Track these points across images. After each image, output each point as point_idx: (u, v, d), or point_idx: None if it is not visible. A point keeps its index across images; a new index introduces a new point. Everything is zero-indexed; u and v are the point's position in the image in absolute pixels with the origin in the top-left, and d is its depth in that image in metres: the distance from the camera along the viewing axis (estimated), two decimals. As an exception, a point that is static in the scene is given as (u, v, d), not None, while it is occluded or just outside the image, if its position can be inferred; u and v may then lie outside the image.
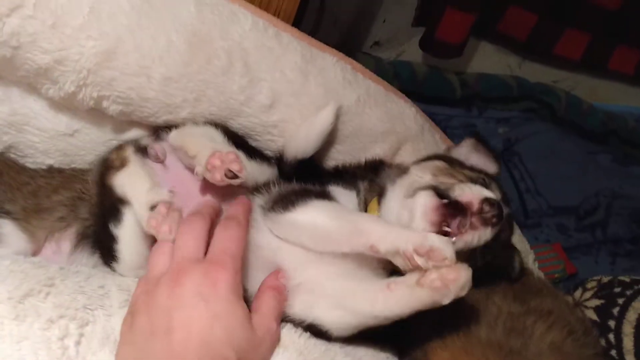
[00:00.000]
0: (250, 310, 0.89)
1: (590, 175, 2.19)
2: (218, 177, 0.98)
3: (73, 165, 1.17)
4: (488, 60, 2.37)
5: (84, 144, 1.14)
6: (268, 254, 0.99)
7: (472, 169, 1.09)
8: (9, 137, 1.11)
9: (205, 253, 0.91)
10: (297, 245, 0.96)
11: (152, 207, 0.95)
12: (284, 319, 0.96)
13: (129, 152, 1.06)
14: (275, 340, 0.91)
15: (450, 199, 0.92)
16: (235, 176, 0.99)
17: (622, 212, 2.13)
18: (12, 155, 1.14)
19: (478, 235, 0.89)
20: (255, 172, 1.11)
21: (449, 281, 0.79)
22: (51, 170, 1.15)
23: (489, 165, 1.15)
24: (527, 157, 2.19)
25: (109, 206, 1.01)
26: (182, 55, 1.05)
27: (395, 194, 1.01)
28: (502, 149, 2.17)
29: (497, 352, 0.91)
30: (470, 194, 0.91)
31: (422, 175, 1.02)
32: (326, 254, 0.94)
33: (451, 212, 0.90)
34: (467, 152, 1.17)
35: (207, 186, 1.12)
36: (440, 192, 0.93)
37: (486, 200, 0.89)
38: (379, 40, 2.29)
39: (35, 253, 1.07)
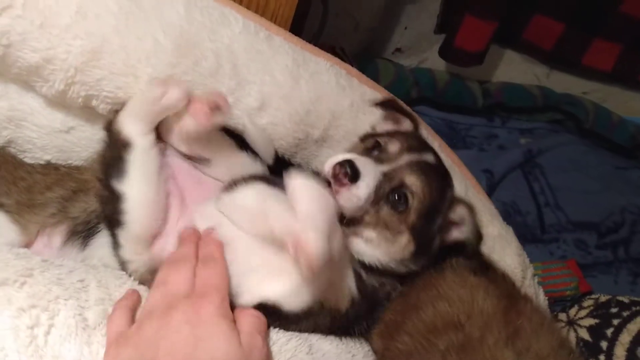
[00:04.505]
0: None
1: (617, 190, 2.09)
2: (203, 118, 0.99)
3: (69, 162, 1.20)
4: (514, 69, 2.32)
5: (79, 141, 1.17)
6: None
7: (379, 134, 1.10)
8: (8, 132, 1.15)
9: None
10: (237, 225, 0.99)
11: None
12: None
13: None
14: (265, 357, 0.90)
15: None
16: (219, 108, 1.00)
17: (649, 231, 2.03)
18: (12, 150, 1.19)
19: (348, 196, 0.93)
20: (246, 164, 1.13)
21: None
22: (47, 167, 1.19)
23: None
24: (549, 170, 2.11)
25: (114, 159, 1.01)
26: (168, 56, 1.06)
27: None
28: (522, 160, 2.10)
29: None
30: (326, 165, 0.96)
31: None
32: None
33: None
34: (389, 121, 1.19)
35: (200, 184, 1.14)
36: None
37: (336, 164, 0.93)
38: (401, 46, 2.27)
39: (27, 245, 1.10)
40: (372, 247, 1.00)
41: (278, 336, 0.96)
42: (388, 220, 0.97)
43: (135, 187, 1.01)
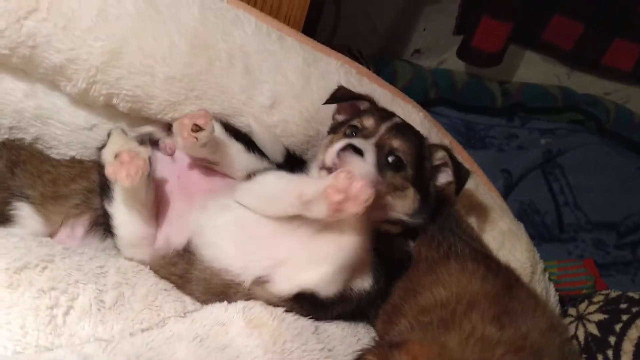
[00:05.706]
0: None
1: (638, 191, 2.08)
2: (185, 134, 1.05)
3: (93, 158, 1.26)
4: (534, 69, 2.32)
5: (101, 138, 1.23)
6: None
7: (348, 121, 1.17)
8: (36, 129, 1.22)
9: None
10: (250, 209, 1.06)
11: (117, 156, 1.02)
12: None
13: (113, 130, 1.15)
14: None
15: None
16: (201, 129, 1.05)
17: (671, 232, 2.01)
18: (39, 147, 1.26)
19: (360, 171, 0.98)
20: (252, 164, 1.17)
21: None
22: (72, 161, 1.26)
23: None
24: (569, 170, 2.11)
25: (103, 185, 1.09)
26: (184, 57, 1.12)
27: None
28: (541, 160, 2.10)
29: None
30: (329, 155, 1.02)
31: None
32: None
33: None
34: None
35: (208, 177, 1.19)
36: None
37: (339, 150, 1.01)
38: (420, 48, 2.30)
39: (51, 235, 1.17)
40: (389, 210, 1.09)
41: (287, 314, 1.01)
42: (395, 182, 1.06)
43: (121, 210, 1.07)
